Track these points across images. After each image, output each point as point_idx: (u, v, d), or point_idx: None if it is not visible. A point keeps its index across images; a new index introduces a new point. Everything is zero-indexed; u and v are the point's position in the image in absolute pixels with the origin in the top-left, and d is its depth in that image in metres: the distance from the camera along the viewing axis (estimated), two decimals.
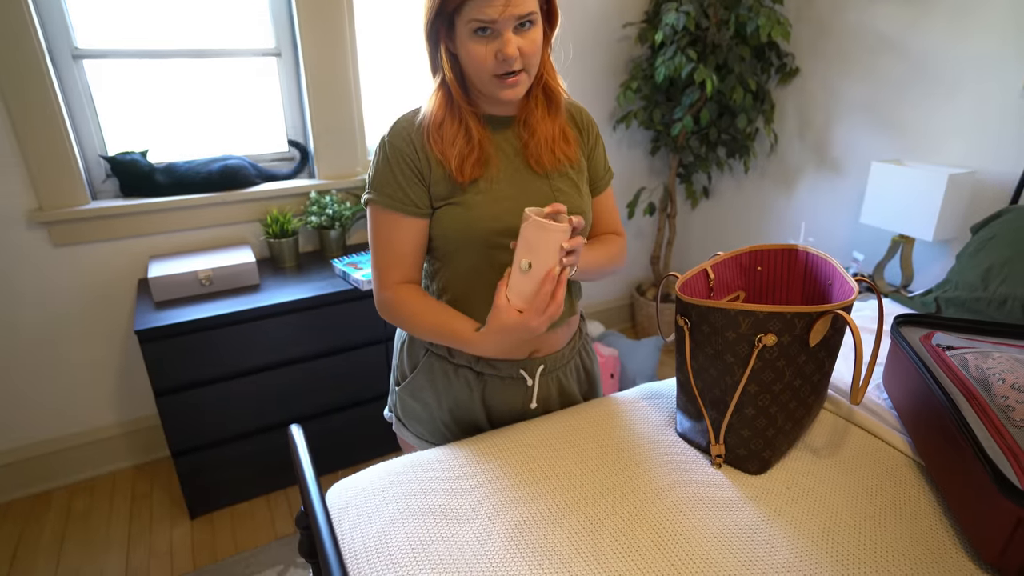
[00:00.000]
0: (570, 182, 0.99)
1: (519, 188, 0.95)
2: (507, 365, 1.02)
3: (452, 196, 0.92)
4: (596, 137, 1.07)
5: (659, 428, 1.05)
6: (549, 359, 1.05)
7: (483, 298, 0.97)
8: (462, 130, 0.91)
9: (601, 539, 0.80)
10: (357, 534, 0.81)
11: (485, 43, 0.83)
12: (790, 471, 0.94)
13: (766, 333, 0.86)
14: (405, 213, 0.92)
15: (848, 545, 0.80)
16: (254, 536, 1.79)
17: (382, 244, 0.94)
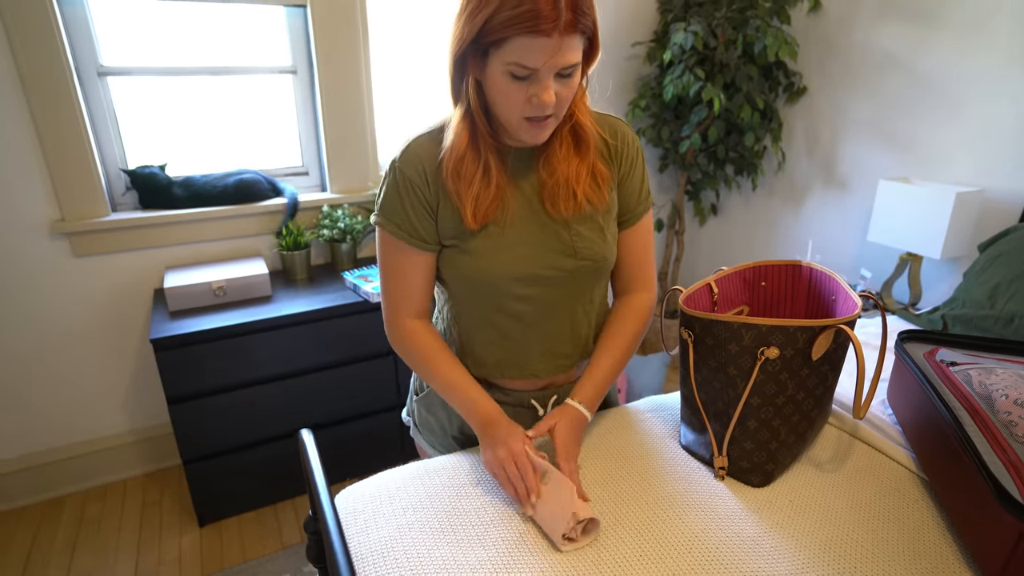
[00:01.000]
0: (594, 227, 0.92)
1: (533, 234, 0.89)
2: (519, 394, 1.02)
3: (459, 239, 0.88)
4: (633, 160, 0.95)
5: (663, 440, 1.06)
6: (563, 390, 1.04)
7: (491, 340, 0.97)
8: (481, 168, 0.85)
9: (604, 547, 0.81)
10: (363, 538, 0.82)
11: (522, 87, 0.76)
12: (793, 484, 0.94)
13: (769, 346, 0.88)
14: (413, 246, 0.90)
15: (850, 558, 0.80)
16: (262, 545, 1.81)
17: (392, 272, 0.93)
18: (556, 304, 0.95)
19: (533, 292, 0.92)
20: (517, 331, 0.96)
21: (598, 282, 0.98)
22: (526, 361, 0.98)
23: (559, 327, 0.97)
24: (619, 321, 1.03)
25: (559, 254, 0.91)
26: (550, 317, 0.96)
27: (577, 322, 0.99)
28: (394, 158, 0.89)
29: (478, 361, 1.00)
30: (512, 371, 0.99)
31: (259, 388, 1.80)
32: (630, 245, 1.00)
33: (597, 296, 1.00)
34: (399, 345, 0.96)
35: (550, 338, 0.98)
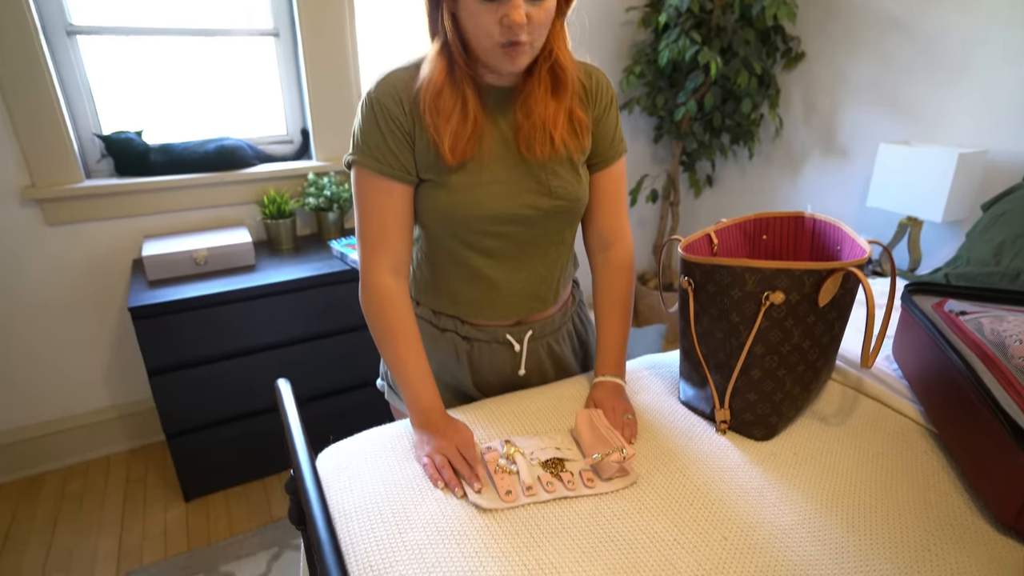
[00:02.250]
0: (570, 168, 0.90)
1: (509, 173, 0.87)
2: (493, 330, 0.99)
3: (436, 173, 0.86)
4: (608, 105, 0.94)
5: (661, 397, 1.02)
6: (537, 325, 1.02)
7: (464, 278, 0.95)
8: (459, 103, 0.82)
9: (602, 501, 0.77)
10: (348, 495, 0.77)
11: (492, 8, 0.74)
12: (797, 437, 0.91)
13: (774, 291, 0.83)
14: (395, 179, 0.85)
15: (858, 509, 0.76)
16: (249, 519, 1.76)
17: (371, 214, 0.87)
18: (529, 243, 0.93)
19: (507, 230, 0.90)
20: (490, 269, 0.93)
21: (571, 223, 0.97)
22: (498, 301, 0.96)
23: (532, 267, 0.95)
24: (609, 284, 1.02)
25: (535, 194, 0.89)
26: (523, 256, 0.94)
27: (550, 262, 0.97)
28: (369, 91, 0.86)
29: (452, 298, 0.97)
30: (485, 311, 0.97)
31: (243, 359, 1.74)
32: (602, 189, 0.97)
33: (568, 237, 0.99)
34: (369, 305, 0.89)
35: (523, 278, 0.96)
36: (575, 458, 0.85)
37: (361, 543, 0.69)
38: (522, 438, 0.88)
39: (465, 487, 0.78)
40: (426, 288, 0.99)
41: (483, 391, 1.05)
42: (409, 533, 0.70)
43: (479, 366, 1.02)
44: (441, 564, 0.66)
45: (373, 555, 0.67)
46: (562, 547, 0.69)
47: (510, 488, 0.77)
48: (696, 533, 0.72)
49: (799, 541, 0.71)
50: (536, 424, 0.92)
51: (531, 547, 0.69)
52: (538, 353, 1.04)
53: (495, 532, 0.71)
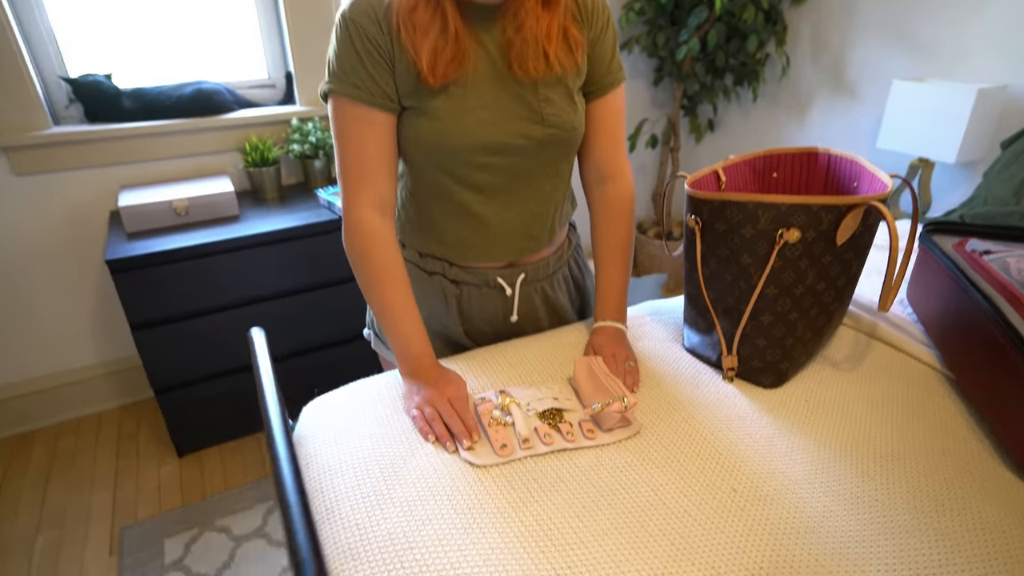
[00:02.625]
0: (564, 92, 0.82)
1: (497, 98, 0.79)
2: (483, 272, 0.93)
3: (418, 99, 0.78)
4: (604, 26, 0.86)
5: (665, 344, 0.97)
6: (530, 268, 0.95)
7: (451, 216, 0.88)
8: (437, 17, 0.74)
9: (603, 451, 0.73)
10: (333, 450, 0.73)
11: None
12: (808, 384, 0.86)
13: (788, 228, 0.77)
14: (376, 107, 0.77)
15: (873, 456, 0.72)
16: (243, 474, 1.74)
17: (351, 147, 0.79)
18: (521, 177, 0.86)
19: (497, 162, 0.83)
20: (479, 206, 0.86)
21: (566, 155, 0.89)
22: (489, 240, 0.90)
23: (524, 203, 0.89)
24: (607, 220, 0.96)
25: (526, 121, 0.81)
26: (515, 191, 0.87)
27: (544, 197, 0.90)
28: (342, 11, 0.76)
29: (440, 238, 0.91)
30: (475, 251, 0.91)
31: (230, 313, 1.69)
32: (599, 119, 0.90)
33: (564, 171, 0.91)
34: (352, 246, 0.82)
35: (514, 215, 0.89)
36: (574, 408, 0.80)
37: (347, 500, 0.65)
38: (518, 388, 0.84)
39: (456, 444, 0.73)
40: (412, 228, 0.93)
41: (475, 340, 1.00)
42: (398, 489, 0.66)
43: (469, 312, 0.96)
44: (432, 521, 0.62)
45: (359, 512, 0.63)
46: (561, 502, 0.65)
47: (505, 441, 0.73)
48: (703, 485, 0.68)
49: (812, 492, 0.67)
50: (532, 374, 0.88)
51: (528, 502, 0.65)
52: (531, 298, 0.98)
53: (490, 487, 0.66)
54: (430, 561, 0.57)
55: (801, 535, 0.61)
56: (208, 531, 1.56)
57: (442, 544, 0.59)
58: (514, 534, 0.60)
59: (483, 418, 0.77)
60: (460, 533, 0.60)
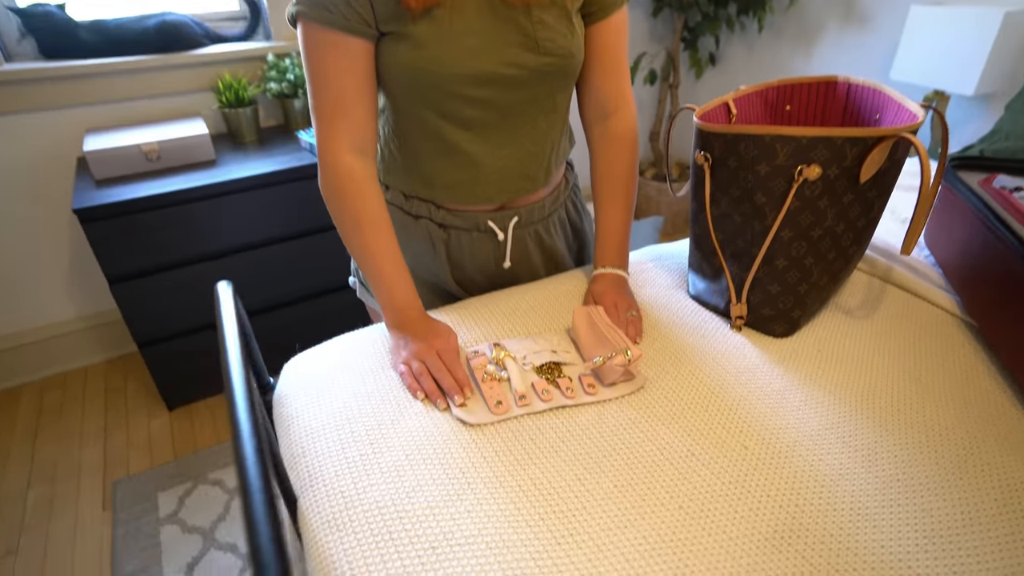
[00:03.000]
0: (560, 15, 0.74)
1: (487, 22, 0.71)
2: (473, 215, 0.86)
3: (398, 23, 0.69)
4: None
5: (668, 291, 0.91)
6: (525, 211, 0.88)
7: (438, 154, 0.80)
8: None
9: (606, 408, 0.68)
10: (315, 411, 0.68)
11: None
12: (820, 333, 0.81)
13: (809, 164, 0.70)
14: (351, 32, 0.68)
15: (892, 408, 0.68)
16: None
17: (324, 79, 0.70)
18: (514, 111, 0.78)
19: (487, 95, 0.74)
20: (468, 144, 0.78)
21: (564, 87, 0.80)
22: (480, 182, 0.82)
23: (518, 140, 0.81)
24: (609, 159, 0.88)
25: (519, 48, 0.72)
26: (507, 127, 0.79)
27: (539, 134, 0.82)
28: None
29: (426, 180, 0.83)
30: (464, 194, 0.83)
31: (211, 264, 1.61)
32: (600, 44, 0.80)
33: (562, 104, 0.83)
34: (329, 188, 0.75)
35: (507, 154, 0.81)
36: (573, 362, 0.75)
37: (330, 465, 0.60)
38: (513, 340, 0.78)
39: (448, 401, 0.68)
40: (395, 168, 0.85)
41: (465, 288, 0.94)
42: (385, 453, 0.61)
43: (458, 258, 0.90)
44: (422, 487, 0.57)
45: (344, 479, 0.58)
46: (561, 463, 0.60)
47: (500, 398, 0.68)
48: (712, 442, 0.64)
49: (827, 447, 0.63)
50: (528, 324, 0.82)
51: (525, 464, 0.60)
52: (525, 243, 0.92)
53: (484, 449, 0.62)
54: (420, 532, 0.53)
55: (817, 494, 0.58)
56: (202, 484, 1.54)
57: (433, 513, 0.55)
58: (510, 500, 0.56)
59: (476, 373, 0.72)
60: (452, 500, 0.56)
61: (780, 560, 0.52)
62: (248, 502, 0.34)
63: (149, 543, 1.40)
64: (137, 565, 1.35)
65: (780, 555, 0.52)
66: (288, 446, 0.65)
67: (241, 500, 0.35)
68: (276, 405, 0.72)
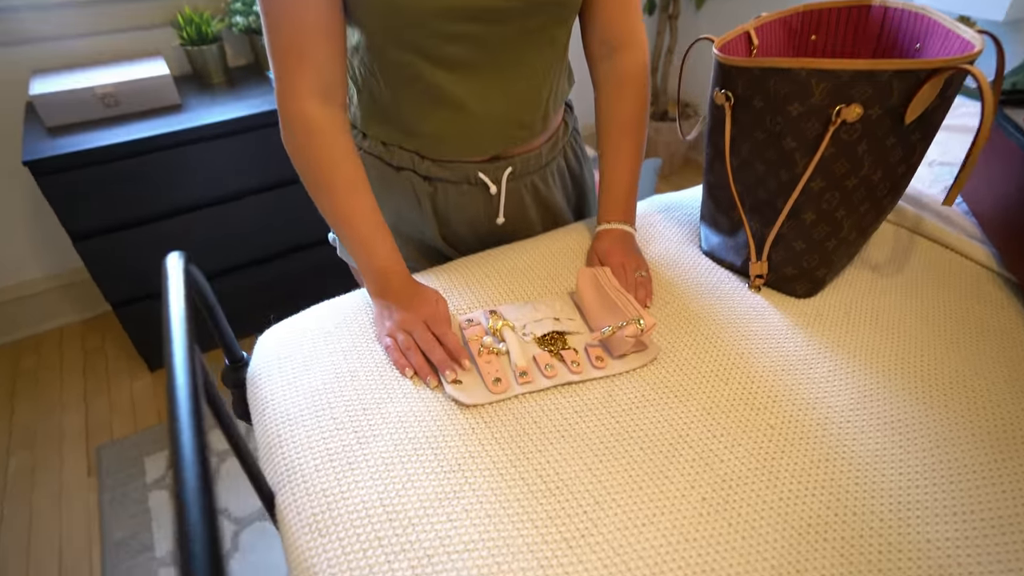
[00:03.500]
0: None
1: None
2: (462, 167, 0.77)
3: None
4: None
5: (679, 246, 0.84)
6: (519, 161, 0.79)
7: (418, 101, 0.69)
8: None
9: (614, 386, 0.62)
10: (291, 394, 0.61)
11: None
12: (846, 293, 0.74)
13: (848, 103, 0.61)
14: None
15: (929, 378, 0.62)
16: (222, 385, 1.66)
17: (282, 15, 0.59)
18: (505, 49, 0.67)
19: (472, 31, 0.64)
20: (453, 86, 0.68)
21: (561, 20, 0.69)
22: (469, 130, 0.72)
23: (511, 82, 0.70)
24: (616, 100, 0.78)
25: None
26: (497, 67, 0.68)
27: (535, 75, 0.72)
28: None
29: (408, 128, 0.73)
30: (452, 144, 0.74)
31: (182, 219, 1.50)
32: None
33: (560, 39, 0.72)
34: (292, 142, 0.65)
35: (500, 98, 0.71)
36: (578, 330, 0.68)
37: (310, 458, 0.54)
38: (511, 307, 0.71)
39: (440, 377, 0.61)
40: (371, 115, 0.75)
41: (455, 246, 0.86)
42: (372, 443, 0.55)
43: (445, 214, 0.81)
44: (414, 483, 0.51)
45: (326, 475, 0.52)
46: (569, 450, 0.54)
47: (499, 374, 0.61)
48: (734, 421, 0.57)
49: (861, 425, 0.57)
50: (527, 288, 0.74)
51: (529, 452, 0.54)
52: (520, 196, 0.83)
53: (482, 435, 0.55)
54: (413, 536, 0.47)
55: (853, 480, 0.52)
56: None
57: (427, 513, 0.49)
58: (513, 496, 0.50)
59: (471, 346, 0.65)
60: (448, 498, 0.50)
61: (816, 558, 0.47)
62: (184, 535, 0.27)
63: (138, 509, 1.36)
64: (127, 532, 1.32)
65: (816, 552, 0.47)
66: (264, 433, 0.59)
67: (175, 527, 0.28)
68: (250, 385, 0.65)
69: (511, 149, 0.77)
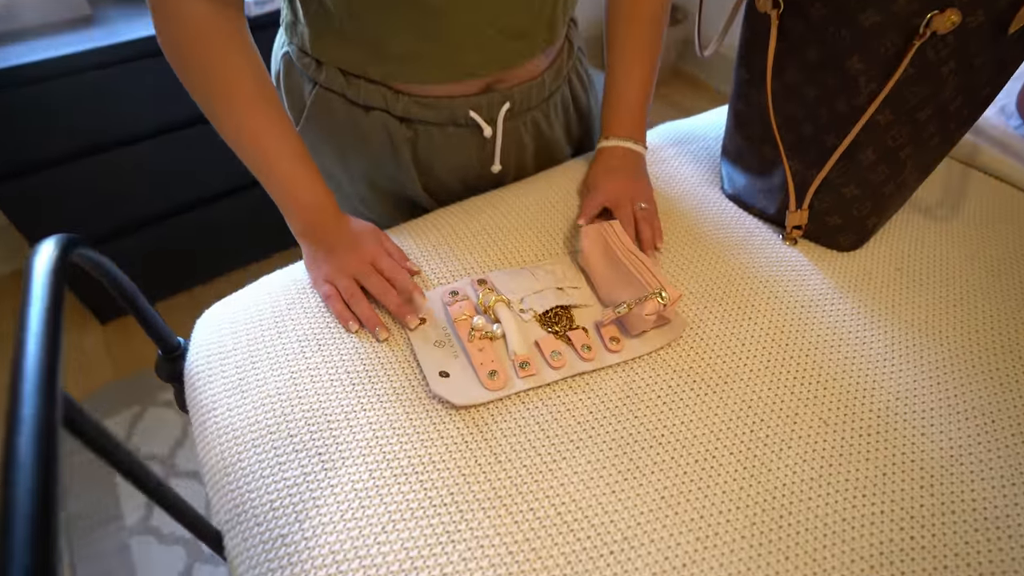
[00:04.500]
0: None
1: None
2: (447, 104, 0.60)
3: None
4: None
5: (696, 188, 0.71)
6: (519, 93, 0.62)
7: (386, 9, 0.52)
8: None
9: (633, 373, 0.51)
10: (238, 401, 0.49)
11: None
12: (895, 244, 0.63)
13: (943, 10, 0.46)
14: None
15: (1013, 347, 0.53)
16: (182, 335, 1.53)
17: None
18: None
19: None
20: None
21: None
22: (450, 45, 0.55)
23: None
24: (632, 7, 0.61)
25: None
26: None
27: None
28: None
29: (373, 48, 0.56)
30: (430, 65, 0.57)
31: (110, 156, 1.30)
32: None
33: None
34: (171, 46, 0.49)
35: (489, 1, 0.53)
36: (586, 302, 0.56)
37: (264, 492, 0.43)
38: (503, 274, 0.58)
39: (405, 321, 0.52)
40: (324, 32, 0.57)
41: (436, 196, 0.71)
42: (340, 469, 0.43)
43: (429, 162, 0.66)
44: (396, 523, 0.40)
45: (284, 515, 0.41)
46: (587, 469, 0.44)
47: (495, 366, 0.50)
48: (780, 418, 0.48)
49: (935, 420, 0.48)
50: (522, 247, 0.62)
51: (539, 474, 0.43)
52: (520, 138, 0.67)
53: (479, 452, 0.45)
54: None
55: (929, 489, 0.43)
56: (152, 407, 1.39)
57: (415, 566, 0.39)
58: (523, 536, 0.40)
59: (459, 329, 0.53)
60: (442, 544, 0.40)
61: None
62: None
63: (101, 476, 1.27)
64: (90, 501, 1.23)
65: None
66: (207, 454, 0.47)
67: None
68: (188, 387, 0.53)
69: (507, 74, 0.61)
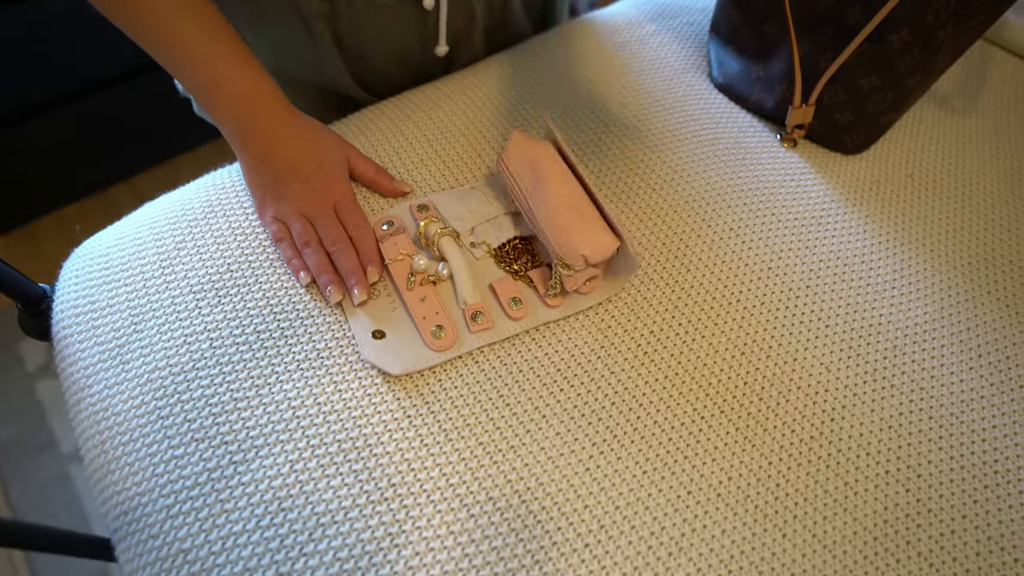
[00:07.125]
0: None
1: None
2: None
3: None
4: None
5: (680, 74, 0.59)
6: None
7: None
8: None
9: (609, 317, 0.43)
10: (118, 374, 0.39)
11: None
12: (907, 145, 0.54)
13: None
14: None
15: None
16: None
17: None
18: None
19: None
20: None
21: None
22: None
23: None
24: None
25: None
26: None
27: None
28: None
29: None
30: None
31: None
32: None
33: None
34: None
35: None
36: None
37: (157, 495, 0.34)
38: (449, 196, 0.47)
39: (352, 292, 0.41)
40: None
41: (370, 88, 0.57)
42: (251, 462, 0.35)
43: (357, 44, 0.51)
44: (326, 527, 0.33)
45: (184, 523, 0.33)
46: (558, 442, 0.37)
47: (440, 319, 0.41)
48: (779, 364, 0.41)
49: (950, 360, 0.42)
50: (472, 159, 0.50)
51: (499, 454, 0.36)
52: (471, 11, 0.53)
53: (424, 430, 0.37)
54: None
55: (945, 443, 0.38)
56: None
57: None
58: (482, 534, 0.34)
59: (393, 272, 0.43)
60: (384, 554, 0.33)
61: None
62: None
63: (26, 402, 1.17)
64: (18, 430, 1.14)
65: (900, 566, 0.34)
66: (84, 442, 0.38)
67: None
68: (57, 354, 0.42)
69: None
